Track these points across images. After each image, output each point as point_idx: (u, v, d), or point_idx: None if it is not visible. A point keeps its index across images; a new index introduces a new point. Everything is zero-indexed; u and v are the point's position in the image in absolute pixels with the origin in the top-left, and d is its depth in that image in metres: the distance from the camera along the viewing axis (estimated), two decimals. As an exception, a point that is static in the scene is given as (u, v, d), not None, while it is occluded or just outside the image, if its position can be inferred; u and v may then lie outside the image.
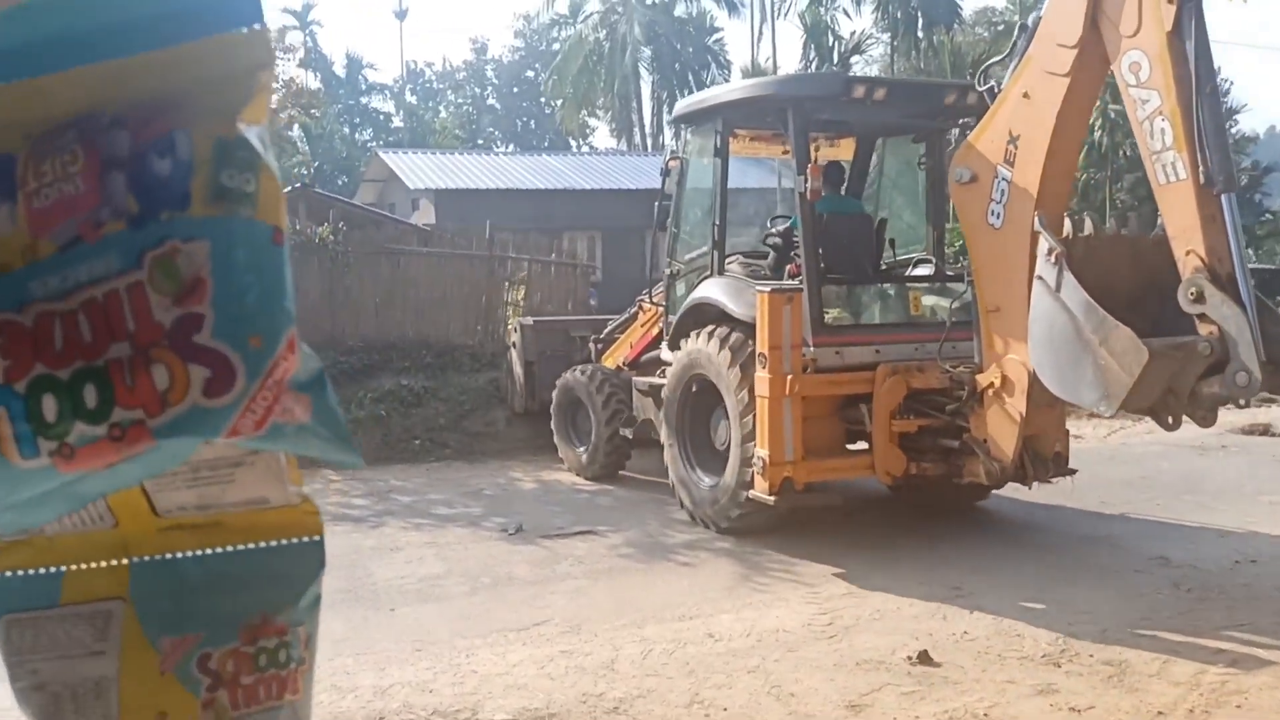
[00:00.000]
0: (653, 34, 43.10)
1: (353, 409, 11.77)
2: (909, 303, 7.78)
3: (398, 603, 6.29)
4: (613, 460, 9.71)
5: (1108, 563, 6.78)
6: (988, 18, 44.82)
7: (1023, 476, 6.71)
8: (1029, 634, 5.42)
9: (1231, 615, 5.70)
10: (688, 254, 8.64)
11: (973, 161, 6.33)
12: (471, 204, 25.23)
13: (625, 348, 9.96)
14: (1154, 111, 5.26)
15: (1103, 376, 5.11)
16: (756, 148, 9.08)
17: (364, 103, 61.50)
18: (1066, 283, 5.27)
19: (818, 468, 7.00)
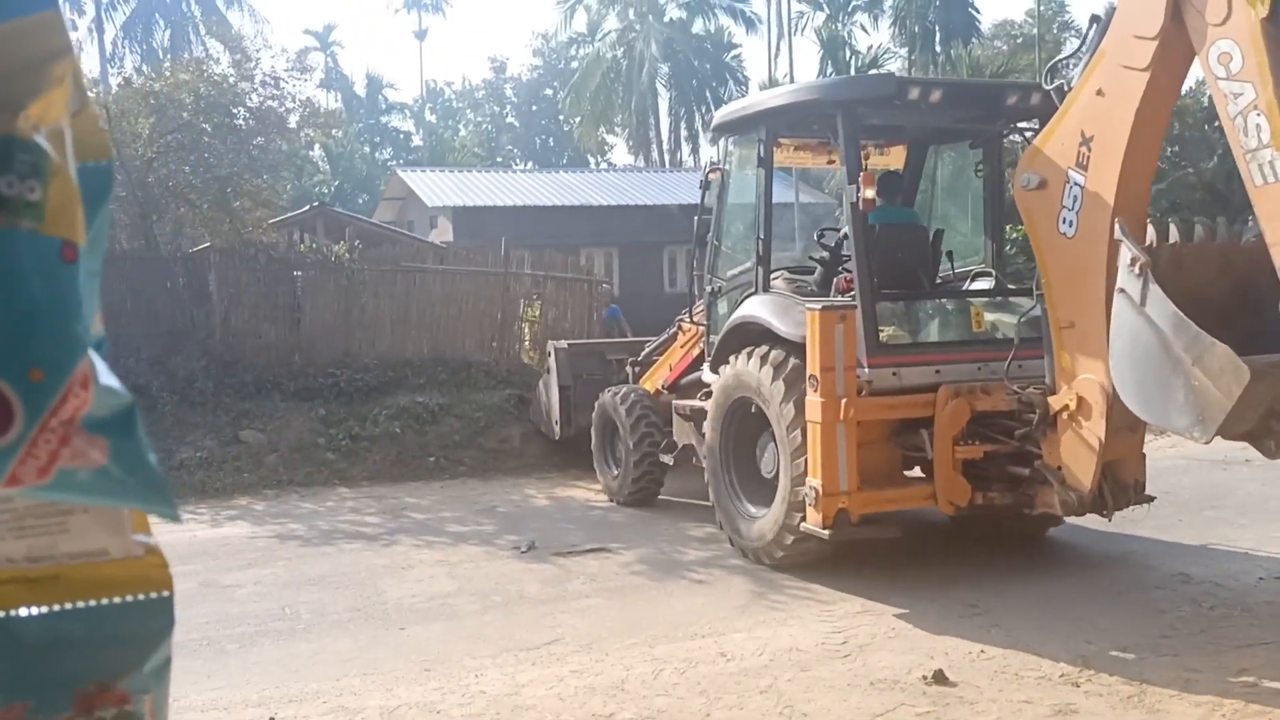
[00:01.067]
0: (670, 51, 43.21)
1: (367, 426, 11.80)
2: (971, 319, 7.18)
3: (408, 621, 6.25)
4: (645, 486, 9.25)
5: (1127, 580, 6.65)
6: (1006, 30, 44.65)
7: (1101, 506, 6.13)
8: (1047, 653, 5.31)
9: (1255, 633, 5.57)
10: (730, 270, 8.20)
11: (1041, 166, 5.89)
12: (489, 221, 25.31)
13: (664, 370, 9.53)
14: (1248, 106, 4.74)
15: (1196, 399, 4.62)
16: (801, 157, 8.69)
17: (384, 122, 61.96)
18: (1153, 296, 4.79)
19: (875, 498, 6.48)
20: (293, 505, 9.92)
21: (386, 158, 56.35)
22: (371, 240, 16.13)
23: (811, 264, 8.07)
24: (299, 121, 14.32)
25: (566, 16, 45.94)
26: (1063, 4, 44.79)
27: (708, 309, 8.40)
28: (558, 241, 20.17)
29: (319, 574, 7.36)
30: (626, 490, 9.29)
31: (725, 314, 7.99)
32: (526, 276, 14.76)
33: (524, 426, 12.21)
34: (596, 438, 9.78)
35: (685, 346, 9.24)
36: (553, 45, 56.18)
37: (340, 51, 66.15)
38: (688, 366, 9.09)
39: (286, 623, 6.30)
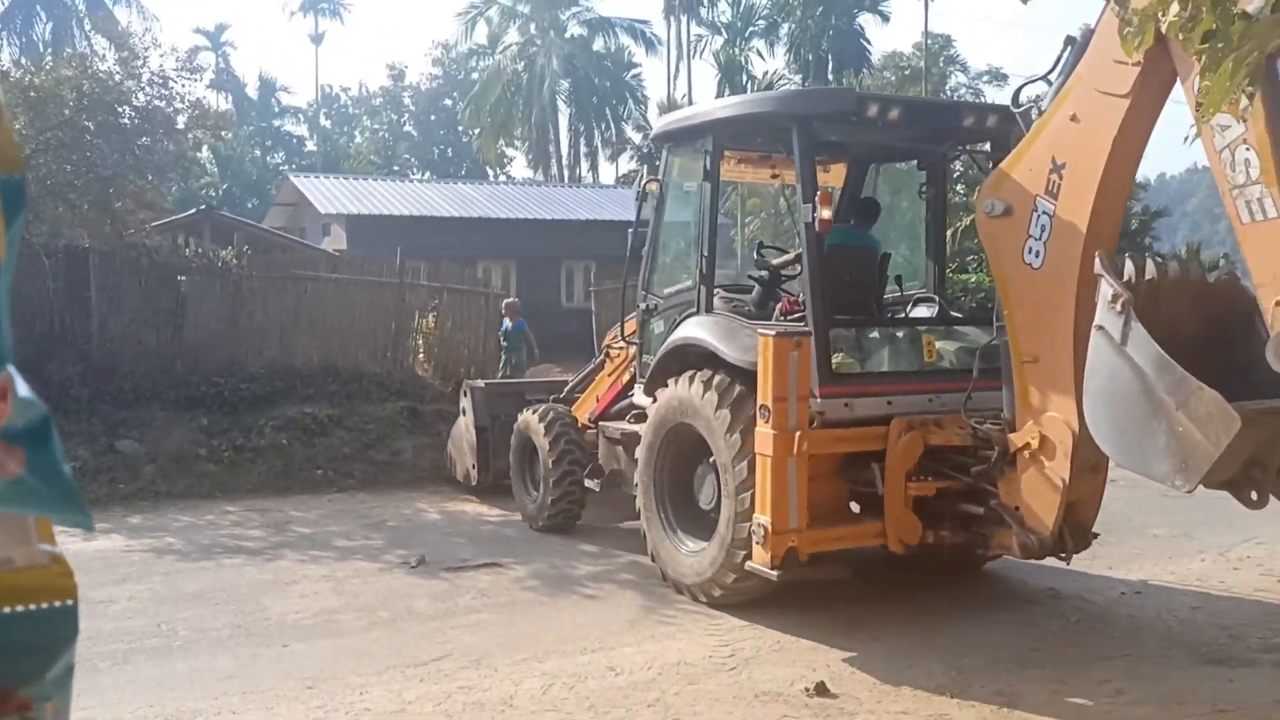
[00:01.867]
0: (571, 67, 43.37)
1: (252, 437, 11.50)
2: (922, 347, 6.79)
3: (291, 638, 6.11)
4: (564, 510, 8.70)
5: (1000, 595, 6.93)
6: (895, 62, 46.10)
7: (1061, 549, 5.86)
8: (924, 665, 5.50)
9: (1116, 645, 5.87)
10: (667, 288, 7.82)
11: (1007, 192, 5.58)
12: (384, 230, 24.96)
13: (591, 401, 8.96)
14: (1236, 140, 4.48)
15: (1179, 446, 4.32)
16: (741, 171, 8.24)
17: (277, 125, 60.54)
18: (1135, 335, 4.48)
19: (825, 536, 6.11)
20: (171, 518, 9.59)
21: (278, 162, 55.03)
22: (261, 246, 15.73)
23: (749, 283, 7.70)
24: (187, 122, 13.90)
25: (467, 28, 45.77)
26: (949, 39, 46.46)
27: (641, 327, 7.94)
28: (455, 253, 20.05)
29: (198, 589, 7.14)
30: (545, 515, 8.76)
31: (661, 334, 7.58)
32: (422, 288, 14.60)
33: (416, 439, 12.06)
34: (515, 460, 9.25)
35: (614, 374, 8.75)
36: (453, 56, 55.79)
37: (232, 52, 64.31)
38: (617, 395, 8.62)
39: (163, 640, 6.10)
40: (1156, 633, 6.11)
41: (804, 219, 6.40)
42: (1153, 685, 5.21)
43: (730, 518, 6.31)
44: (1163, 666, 5.50)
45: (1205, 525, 8.50)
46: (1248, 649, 5.74)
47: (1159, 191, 53.26)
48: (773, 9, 44.22)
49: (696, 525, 6.87)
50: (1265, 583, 7.12)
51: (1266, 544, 8.02)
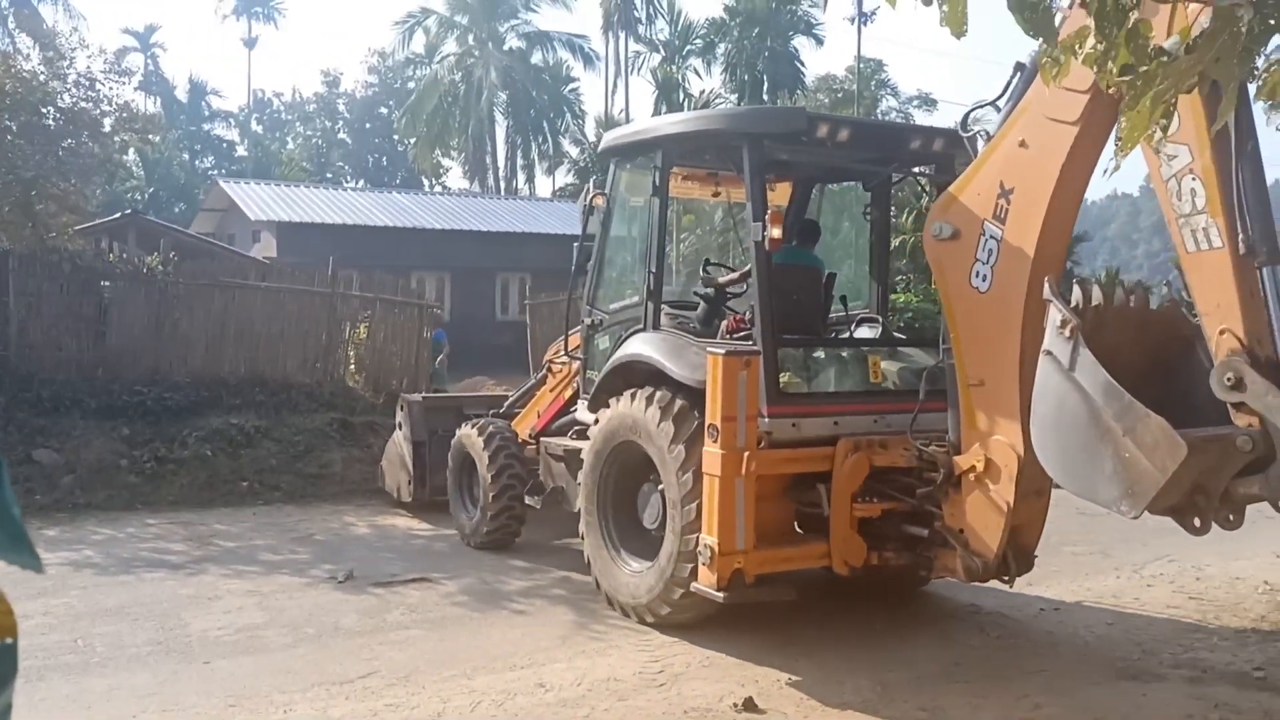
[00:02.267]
0: (509, 79, 43.30)
1: (175, 448, 11.25)
2: (868, 368, 6.80)
3: (213, 655, 5.99)
4: (503, 528, 8.53)
5: (925, 612, 7.06)
6: (829, 84, 46.97)
7: (1005, 572, 5.86)
8: (850, 681, 5.58)
9: (1036, 661, 6.02)
10: (613, 303, 7.73)
11: (955, 215, 5.60)
12: (316, 239, 24.64)
13: (532, 416, 8.82)
14: (1183, 169, 4.55)
15: (1126, 471, 4.36)
16: (687, 188, 8.21)
17: (207, 129, 59.46)
18: (1083, 360, 4.50)
19: (771, 558, 6.05)
20: (89, 531, 9.33)
21: (208, 167, 54.07)
22: (188, 252, 15.43)
23: (693, 299, 7.69)
24: (114, 125, 13.61)
25: (405, 37, 45.43)
26: (880, 64, 47.46)
27: (585, 343, 7.85)
28: (388, 263, 19.86)
29: (116, 604, 6.96)
30: (483, 532, 8.58)
31: (606, 350, 7.49)
32: (354, 298, 14.41)
33: (345, 451, 11.90)
34: (452, 476, 9.07)
35: (555, 389, 8.66)
36: (389, 64, 55.32)
37: (162, 54, 63.10)
38: (558, 411, 8.51)
39: (79, 656, 5.94)
40: (1073, 648, 6.28)
41: (753, 237, 6.37)
42: (1070, 699, 5.36)
43: (676, 538, 6.24)
44: (1079, 681, 5.65)
45: (1120, 543, 8.76)
46: (1160, 664, 5.93)
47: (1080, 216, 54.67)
48: (710, 29, 44.70)
49: (640, 545, 6.78)
50: (1177, 599, 7.37)
51: (1178, 561, 8.29)
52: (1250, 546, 7.40)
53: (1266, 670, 5.75)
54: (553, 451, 8.15)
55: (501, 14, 44.52)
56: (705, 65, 45.15)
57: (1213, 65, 3.38)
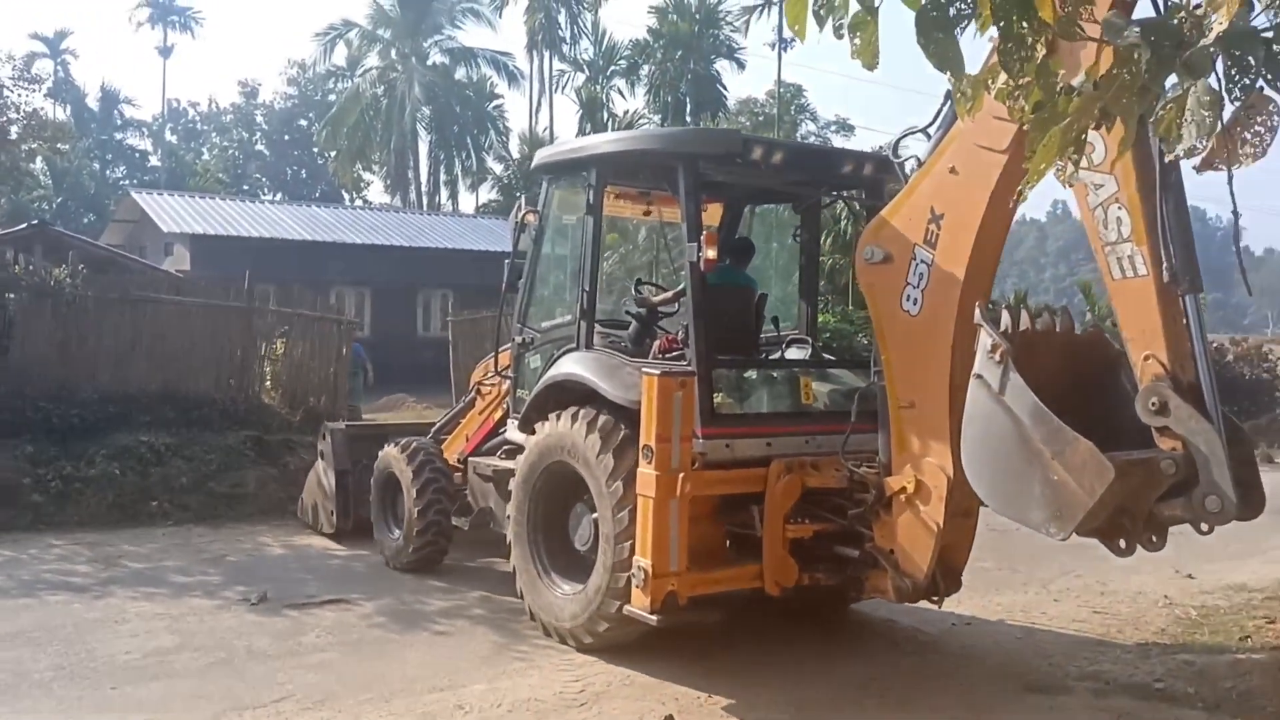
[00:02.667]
0: (432, 94, 43.07)
1: (82, 467, 10.88)
2: (800, 389, 6.78)
3: (120, 681, 5.81)
4: (429, 550, 8.38)
5: (841, 629, 7.17)
6: (750, 108, 47.68)
7: (934, 592, 5.94)
8: (767, 697, 5.65)
9: (950, 674, 6.17)
10: (545, 322, 7.66)
11: (886, 240, 5.66)
12: (232, 252, 24.13)
13: (461, 440, 8.69)
14: (1109, 198, 4.69)
15: (1054, 494, 4.47)
16: (619, 206, 8.14)
17: (119, 139, 57.95)
18: (1013, 385, 4.59)
19: (704, 580, 5.99)
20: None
21: (119, 177, 52.64)
22: (98, 265, 14.99)
23: (625, 319, 7.62)
24: (21, 133, 13.19)
25: (326, 49, 45.00)
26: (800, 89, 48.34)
27: (516, 361, 7.78)
28: (307, 278, 19.50)
29: (17, 629, 6.70)
30: (408, 554, 8.40)
31: (538, 369, 7.40)
32: (271, 313, 14.13)
33: (260, 470, 11.64)
34: (376, 496, 8.89)
35: (484, 412, 8.52)
36: (309, 76, 54.58)
37: (73, 61, 61.22)
38: (488, 434, 8.36)
39: (-23, 684, 5.71)
40: (985, 663, 6.45)
41: (689, 257, 6.36)
42: (982, 713, 5.50)
43: (607, 559, 6.18)
44: (991, 695, 5.81)
45: (1028, 558, 9.01)
46: (1066, 677, 6.11)
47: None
48: (634, 50, 45.14)
49: (570, 566, 6.72)
50: (1082, 614, 7.61)
51: (1084, 576, 8.56)
52: (1151, 562, 7.64)
53: (1166, 682, 5.97)
54: (481, 471, 8.03)
55: (425, 29, 44.34)
56: (629, 86, 45.61)
57: (1114, 102, 3.54)
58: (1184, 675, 6.09)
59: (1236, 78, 3.04)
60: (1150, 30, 3.19)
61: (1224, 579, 8.67)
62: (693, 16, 43.80)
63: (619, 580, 6.07)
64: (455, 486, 8.41)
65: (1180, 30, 3.14)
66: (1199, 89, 3.02)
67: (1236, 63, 3.02)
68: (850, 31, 3.19)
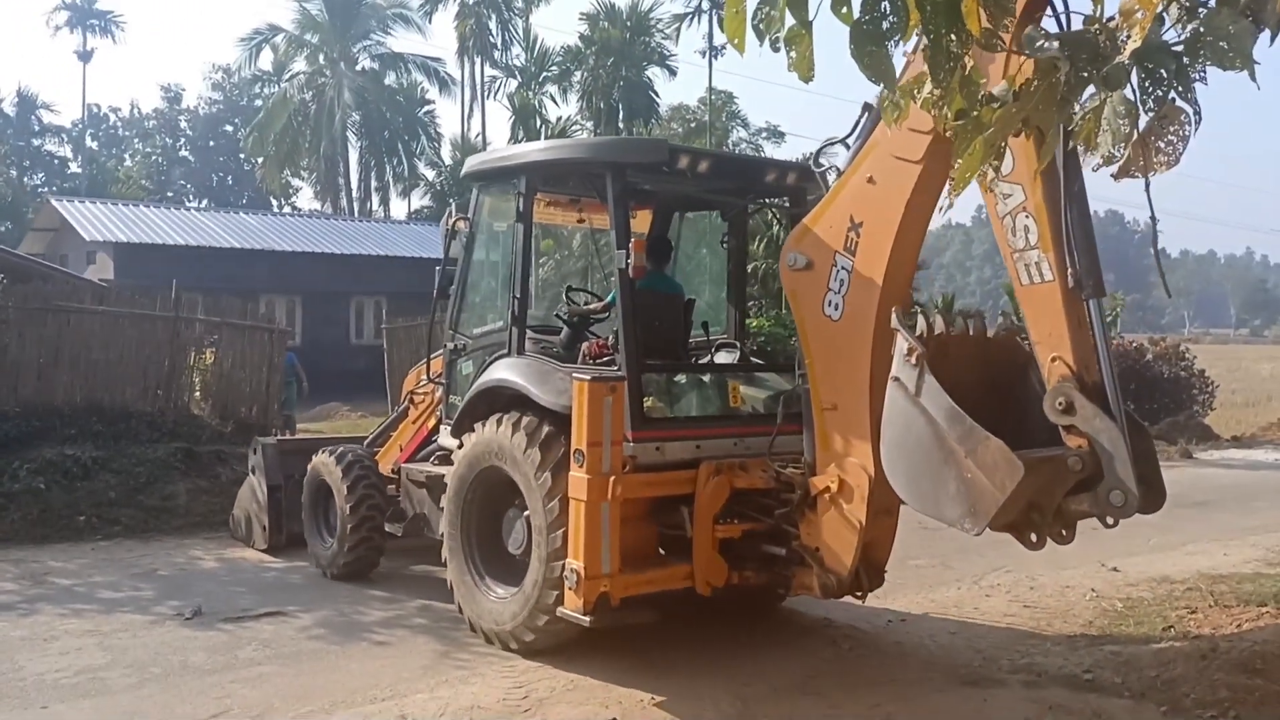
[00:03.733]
0: (362, 100, 42.60)
1: (5, 481, 10.58)
2: (728, 392, 6.96)
3: (50, 699, 5.68)
4: (362, 557, 8.41)
5: (778, 625, 7.28)
6: (682, 114, 47.98)
7: (858, 587, 6.10)
8: (709, 696, 5.72)
9: (886, 671, 6.30)
10: (476, 328, 7.71)
11: (808, 247, 5.83)
12: (157, 260, 23.67)
13: (395, 450, 8.73)
14: (1016, 207, 4.89)
15: (968, 491, 4.66)
16: (550, 214, 8.22)
17: (36, 145, 56.28)
18: (928, 387, 4.79)
19: (636, 580, 6.11)
20: (-94, 572, 8.69)
21: (38, 184, 51.14)
22: (17, 274, 14.59)
23: (558, 324, 7.73)
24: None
25: (251, 53, 44.17)
26: (731, 96, 48.73)
27: (448, 368, 7.81)
28: (236, 286, 19.22)
29: (-60, 650, 6.52)
30: (341, 562, 8.42)
31: (470, 374, 7.45)
32: (199, 322, 13.87)
33: (191, 482, 11.41)
34: (308, 503, 8.89)
35: (418, 421, 8.56)
36: (235, 80, 53.62)
37: (-15, 63, 59.36)
38: (422, 442, 8.43)
39: (-102, 707, 5.55)
40: (919, 657, 6.59)
41: (618, 265, 6.45)
42: (918, 706, 5.64)
43: (541, 563, 6.25)
44: (926, 689, 5.95)
45: (959, 555, 9.23)
46: (999, 670, 6.28)
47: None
48: (566, 57, 45.07)
49: (505, 571, 6.78)
50: (1013, 608, 7.82)
51: (1013, 571, 8.79)
52: (1078, 556, 7.90)
53: (1095, 672, 6.16)
54: (414, 477, 8.04)
55: (354, 34, 43.83)
56: (561, 92, 45.49)
57: (1035, 112, 3.68)
58: (1111, 665, 6.28)
59: (1150, 89, 3.18)
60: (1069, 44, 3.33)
61: (1147, 571, 8.97)
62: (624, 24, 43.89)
63: (552, 583, 6.14)
64: (388, 494, 8.41)
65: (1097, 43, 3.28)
66: (1115, 100, 3.16)
67: (1150, 75, 3.16)
68: (786, 45, 3.28)
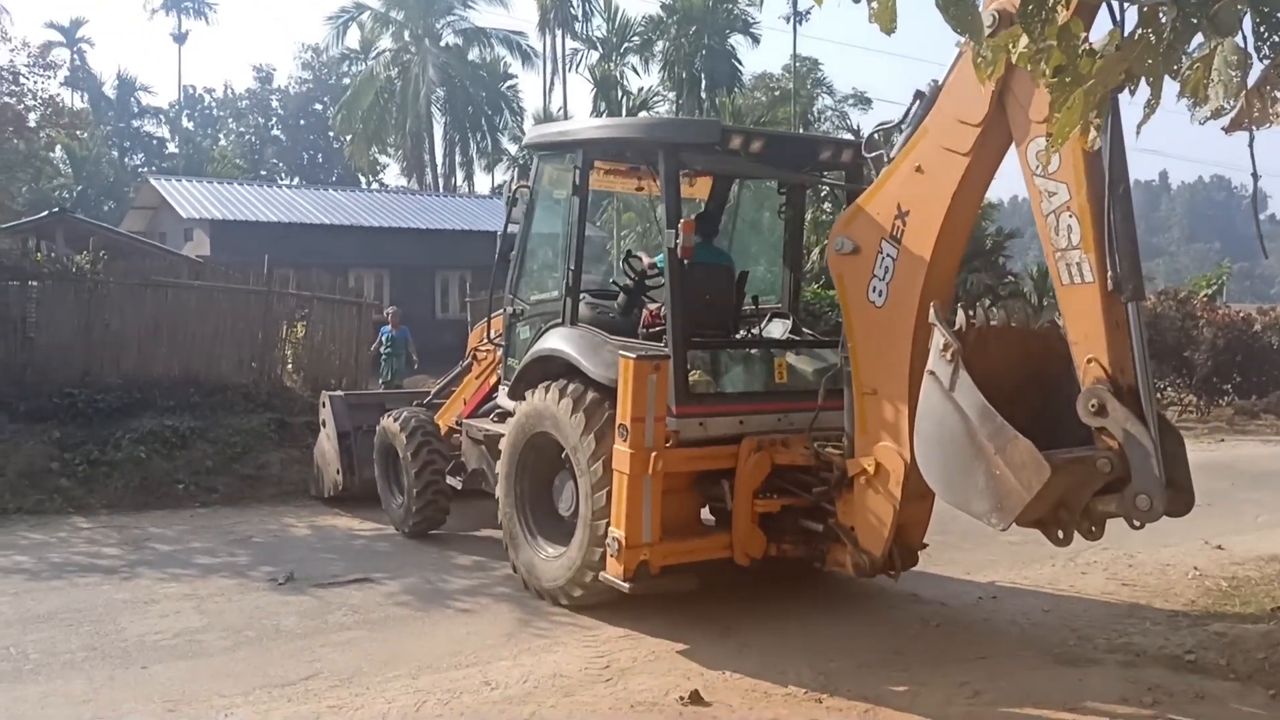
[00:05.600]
0: (446, 76, 42.96)
1: (108, 450, 10.99)
2: (774, 368, 7.09)
3: (150, 660, 5.87)
4: (430, 514, 8.81)
5: (864, 601, 7.17)
6: (765, 83, 47.31)
7: (890, 567, 6.24)
8: (793, 671, 5.65)
9: (974, 648, 6.15)
10: (534, 294, 7.92)
11: (855, 232, 5.86)
12: (251, 237, 24.22)
13: (458, 405, 9.05)
14: (1061, 206, 4.90)
15: (997, 487, 4.75)
16: (610, 181, 8.36)
17: (136, 126, 58.15)
18: (962, 383, 4.85)
19: (675, 550, 6.32)
20: (19, 535, 9.08)
21: (137, 164, 52.84)
22: (119, 251, 15.07)
23: (615, 289, 7.93)
24: (39, 120, 13.23)
25: (339, 32, 44.87)
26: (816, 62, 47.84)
27: (507, 331, 8.07)
28: (325, 261, 19.58)
29: (49, 610, 6.79)
30: (411, 518, 8.85)
31: (527, 340, 7.68)
32: (291, 296, 14.21)
33: (284, 452, 11.72)
34: (379, 465, 9.31)
35: (481, 377, 8.83)
36: (323, 60, 54.54)
37: (89, 49, 61.41)
38: (484, 398, 8.67)
39: (11, 664, 5.79)
40: (1011, 635, 6.42)
41: (667, 244, 6.60)
42: (1008, 685, 5.48)
43: (586, 527, 6.49)
44: (1017, 667, 5.78)
45: (1055, 532, 8.95)
46: (1095, 649, 6.09)
47: (1011, 214, 55.99)
48: (647, 26, 44.71)
49: (555, 531, 7.01)
50: (1111, 586, 7.57)
51: (1111, 549, 8.50)
52: (1180, 533, 7.62)
53: (1197, 653, 5.94)
54: (473, 434, 8.37)
55: (437, 10, 44.15)
56: (643, 63, 45.16)
57: (1139, 62, 3.48)
58: (1215, 646, 6.06)
59: (1265, 35, 2.97)
60: (1176, -13, 3.13)
61: (1254, 549, 8.63)
62: (707, -10, 43.39)
63: (595, 546, 6.38)
64: (450, 449, 8.80)
65: (1205, -14, 3.08)
66: (1226, 48, 2.97)
67: (1265, 19, 2.96)
68: (867, -5, 3.16)
